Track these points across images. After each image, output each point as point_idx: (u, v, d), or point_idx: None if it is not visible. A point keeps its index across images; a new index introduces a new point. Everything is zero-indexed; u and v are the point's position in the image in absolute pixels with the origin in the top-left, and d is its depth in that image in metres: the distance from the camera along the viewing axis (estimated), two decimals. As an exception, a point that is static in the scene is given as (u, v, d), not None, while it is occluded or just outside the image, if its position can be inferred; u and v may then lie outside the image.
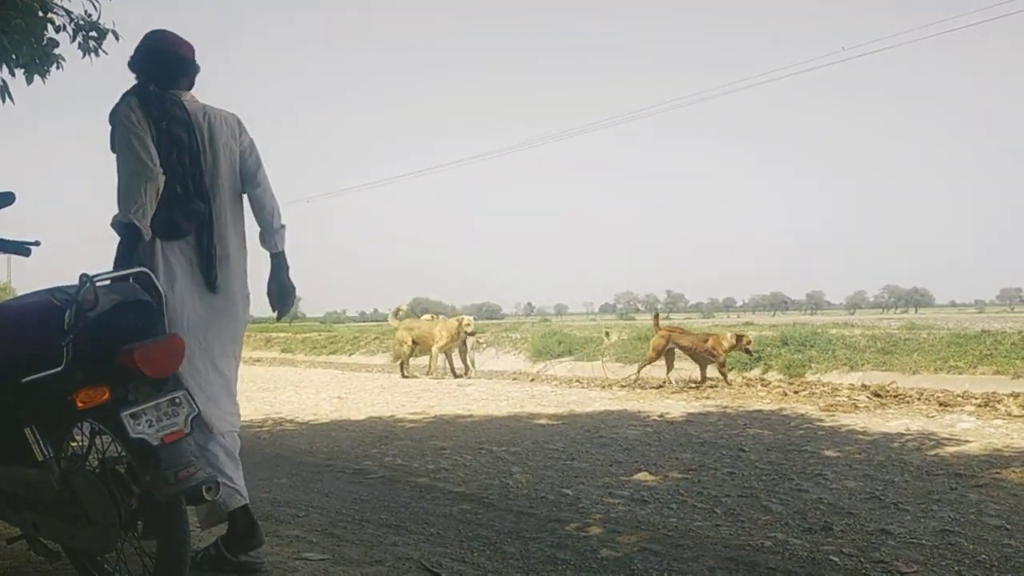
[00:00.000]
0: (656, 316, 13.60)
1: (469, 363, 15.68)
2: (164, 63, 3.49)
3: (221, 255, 3.54)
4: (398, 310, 17.21)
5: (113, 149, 3.38)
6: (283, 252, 3.78)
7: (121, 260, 3.25)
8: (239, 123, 3.72)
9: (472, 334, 15.69)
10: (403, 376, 15.24)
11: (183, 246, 3.47)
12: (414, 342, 15.67)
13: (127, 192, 3.27)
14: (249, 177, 3.68)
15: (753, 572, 3.63)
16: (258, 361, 23.26)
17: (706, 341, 11.97)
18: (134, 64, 3.52)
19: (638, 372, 12.63)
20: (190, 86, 3.58)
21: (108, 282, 2.93)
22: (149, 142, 3.31)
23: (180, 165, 3.41)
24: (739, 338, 12.00)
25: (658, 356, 12.33)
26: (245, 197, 3.73)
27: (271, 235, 3.72)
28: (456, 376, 15.19)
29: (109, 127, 3.39)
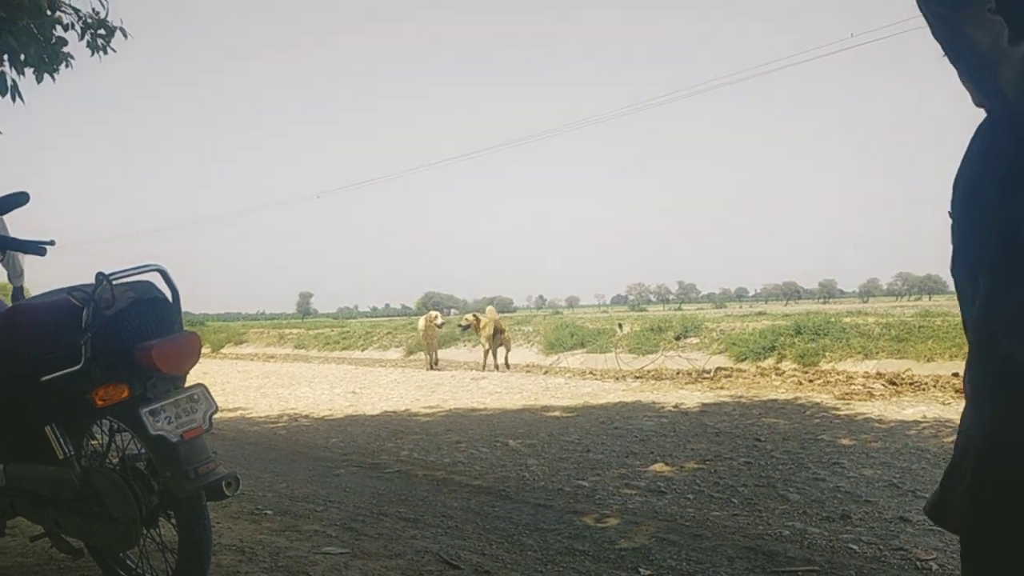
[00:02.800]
0: None
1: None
2: None
3: None
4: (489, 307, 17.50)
5: None
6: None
7: None
8: None
9: (440, 326, 17.38)
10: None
11: None
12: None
13: None
14: None
15: (772, 561, 3.63)
16: (272, 358, 23.35)
17: None
18: None
19: None
20: None
21: (124, 280, 2.93)
22: None
23: None
24: None
25: None
26: None
27: (15, 278, 5.02)
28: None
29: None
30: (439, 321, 17.18)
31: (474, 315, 17.05)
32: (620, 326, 16.47)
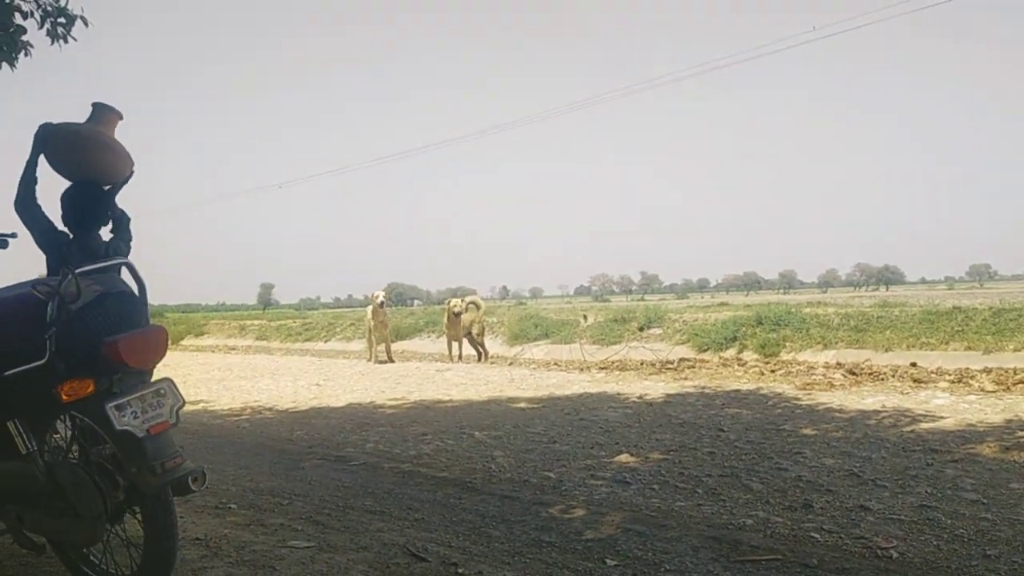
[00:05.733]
0: None
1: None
2: None
3: None
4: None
5: None
6: None
7: None
8: None
9: (382, 304, 16.19)
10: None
11: None
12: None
13: None
14: None
15: (736, 550, 3.68)
16: (233, 349, 23.14)
17: None
18: None
19: None
20: None
21: (91, 274, 2.91)
22: None
23: None
24: None
25: None
26: None
27: None
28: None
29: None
30: (380, 299, 16.20)
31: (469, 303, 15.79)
32: (584, 317, 16.51)
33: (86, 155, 3.42)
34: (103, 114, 3.56)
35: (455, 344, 15.43)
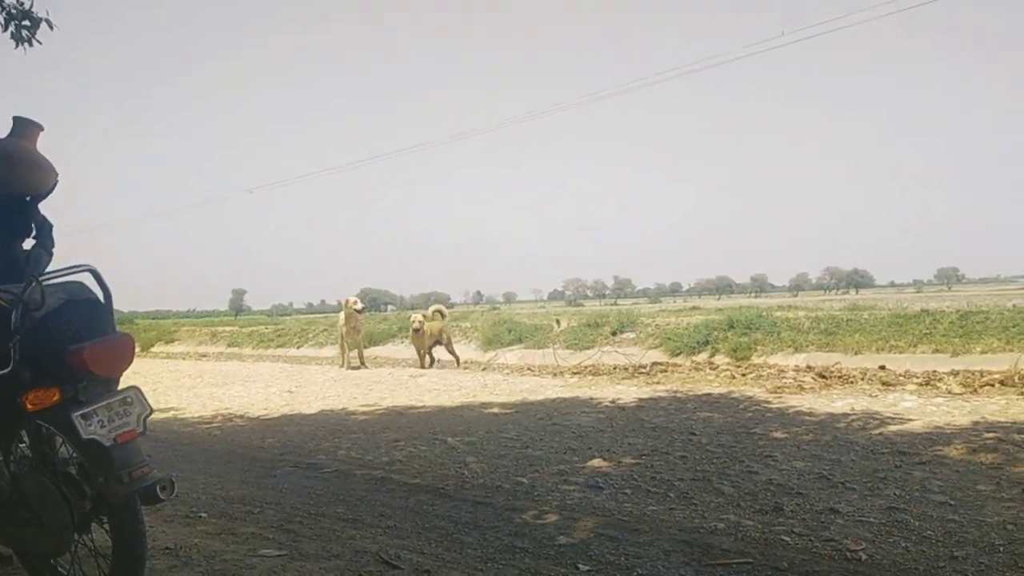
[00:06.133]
0: None
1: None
2: None
3: None
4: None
5: None
6: None
7: None
8: None
9: (359, 311, 16.31)
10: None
11: None
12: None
13: None
14: None
15: (707, 554, 3.70)
16: (204, 356, 22.93)
17: None
18: None
19: None
20: None
21: (55, 281, 2.88)
22: None
23: None
24: None
25: None
26: None
27: None
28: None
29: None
30: (359, 306, 16.20)
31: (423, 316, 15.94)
32: (557, 322, 16.53)
33: (12, 171, 3.44)
34: (25, 128, 3.59)
35: (422, 352, 15.45)
